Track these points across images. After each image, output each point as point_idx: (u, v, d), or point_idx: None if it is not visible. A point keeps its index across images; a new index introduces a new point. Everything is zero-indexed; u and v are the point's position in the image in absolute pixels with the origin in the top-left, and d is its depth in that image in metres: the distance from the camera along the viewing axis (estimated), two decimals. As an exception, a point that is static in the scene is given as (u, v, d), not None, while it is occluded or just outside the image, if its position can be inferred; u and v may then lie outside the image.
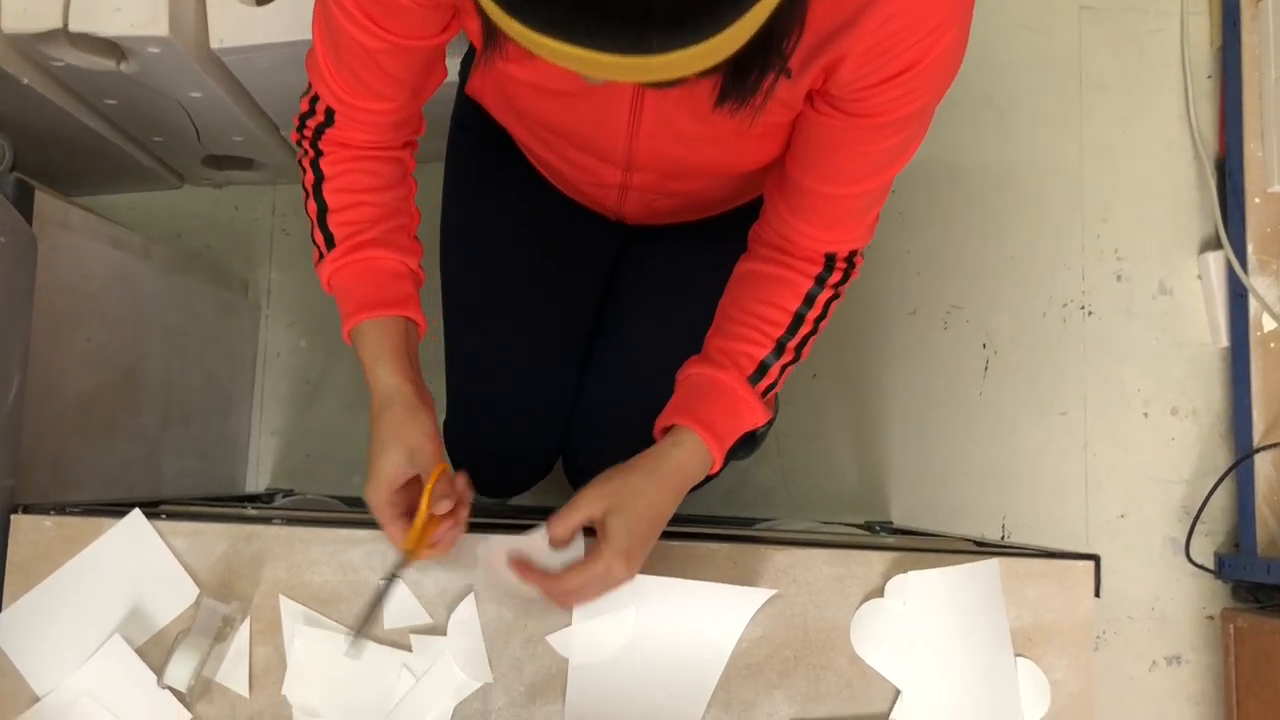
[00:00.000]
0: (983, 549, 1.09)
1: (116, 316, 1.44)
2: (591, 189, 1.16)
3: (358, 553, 1.04)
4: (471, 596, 1.04)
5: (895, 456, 1.86)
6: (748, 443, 1.70)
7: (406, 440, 0.95)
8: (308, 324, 1.86)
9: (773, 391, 1.03)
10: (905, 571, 1.05)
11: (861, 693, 1.04)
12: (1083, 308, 1.89)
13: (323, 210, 1.02)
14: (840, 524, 1.70)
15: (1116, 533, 1.85)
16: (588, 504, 0.93)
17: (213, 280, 1.75)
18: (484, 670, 1.03)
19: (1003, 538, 1.83)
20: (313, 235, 1.04)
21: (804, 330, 1.02)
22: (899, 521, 1.84)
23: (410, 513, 0.96)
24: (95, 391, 1.40)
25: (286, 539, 1.04)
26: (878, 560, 1.06)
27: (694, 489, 1.00)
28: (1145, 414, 1.87)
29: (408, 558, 0.96)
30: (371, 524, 1.05)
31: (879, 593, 1.05)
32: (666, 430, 0.99)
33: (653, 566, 1.03)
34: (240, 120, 1.57)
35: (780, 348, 1.01)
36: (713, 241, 1.13)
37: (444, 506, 0.94)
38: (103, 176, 1.80)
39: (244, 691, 1.02)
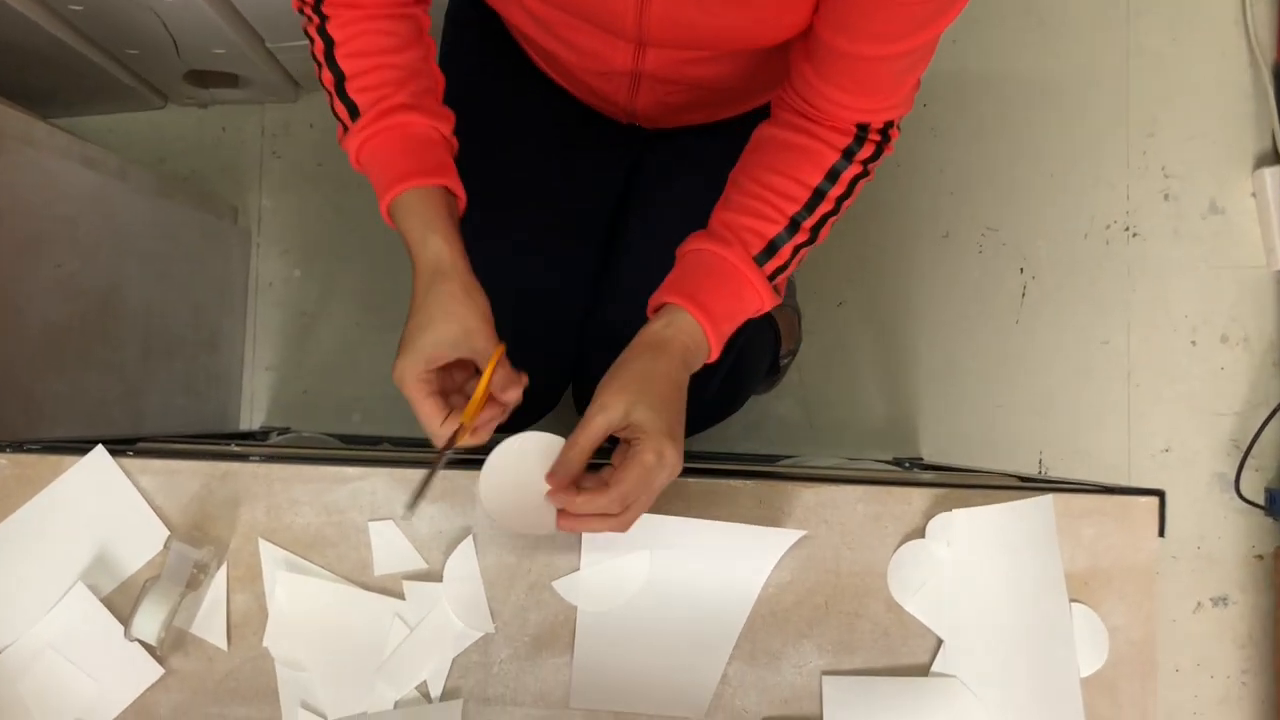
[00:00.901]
0: (1031, 484, 0.99)
1: (90, 241, 1.34)
2: (600, 81, 1.04)
3: (343, 492, 0.95)
4: (470, 540, 0.94)
5: (926, 388, 1.76)
6: (768, 374, 1.60)
7: (462, 319, 0.85)
8: (302, 252, 1.75)
9: (783, 275, 0.93)
10: (949, 510, 0.95)
11: (899, 642, 0.95)
12: (1127, 229, 1.77)
13: (339, 79, 0.92)
14: (869, 461, 1.60)
15: (1161, 467, 1.74)
16: (603, 409, 0.82)
17: (198, 205, 1.64)
18: (484, 620, 0.93)
19: (1040, 474, 1.73)
20: (333, 108, 0.94)
21: (823, 209, 0.90)
22: (929, 458, 1.74)
23: (444, 395, 0.88)
24: (67, 322, 1.30)
25: (265, 478, 0.95)
26: (918, 498, 0.96)
27: (693, 398, 0.90)
28: (1193, 342, 1.76)
29: (458, 435, 0.87)
30: (360, 461, 0.96)
31: (919, 533, 0.95)
32: (659, 310, 0.89)
33: (669, 505, 0.93)
34: (220, 30, 1.45)
35: (794, 225, 0.90)
36: (731, 144, 1.02)
37: (515, 394, 0.86)
38: (81, 96, 1.69)
39: (221, 643, 0.93)
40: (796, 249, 0.92)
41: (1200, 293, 1.76)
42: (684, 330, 0.87)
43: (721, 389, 1.23)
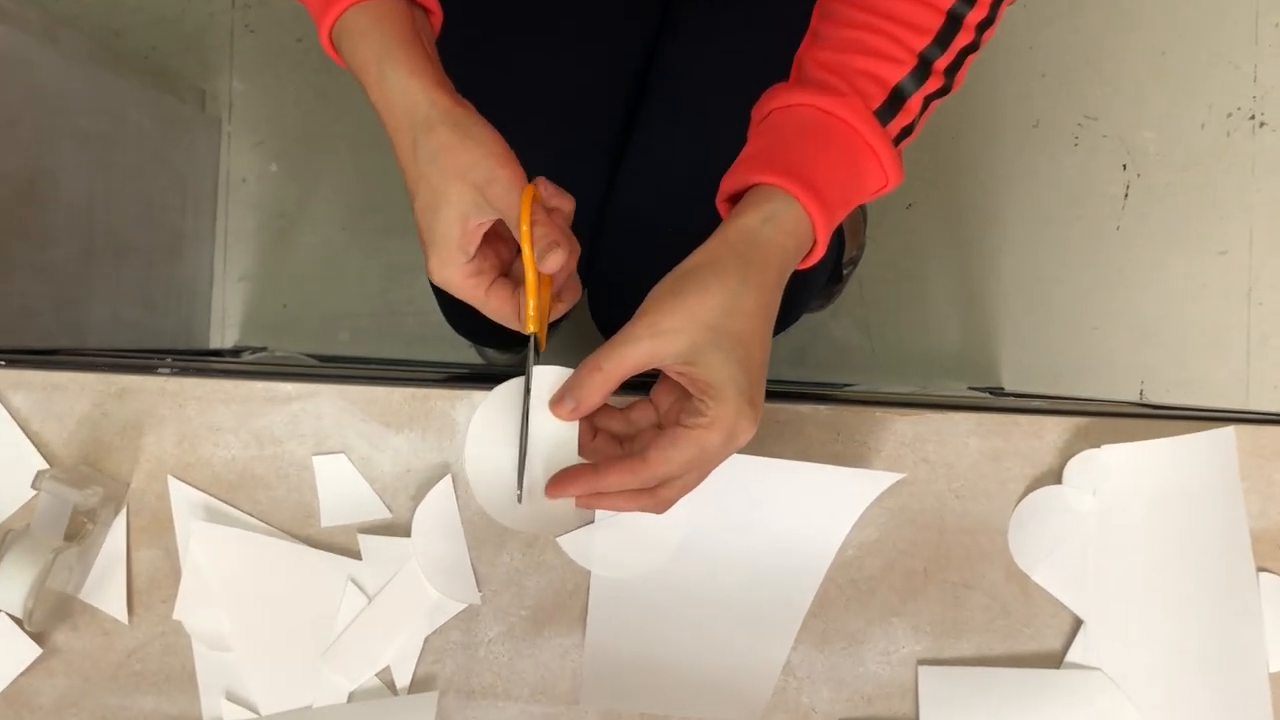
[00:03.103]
0: (1203, 415, 0.73)
1: (4, 115, 1.10)
2: None
3: (280, 416, 0.71)
4: (448, 482, 0.71)
5: (1007, 306, 1.52)
6: (827, 283, 1.35)
7: (467, 173, 0.61)
8: (280, 143, 1.52)
9: (908, 139, 0.66)
10: (1096, 446, 0.70)
11: (1022, 623, 0.71)
12: (1252, 117, 1.52)
13: None
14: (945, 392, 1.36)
15: (1283, 402, 1.49)
16: (657, 334, 0.58)
17: (154, 85, 1.40)
18: (468, 587, 0.70)
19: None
20: None
21: (961, 40, 0.64)
22: (1011, 386, 1.50)
23: (507, 273, 0.65)
24: (-29, 209, 1.06)
25: (177, 396, 0.71)
26: (1052, 429, 0.71)
27: None
28: (1327, 253, 1.50)
29: (539, 341, 0.64)
30: (302, 375, 0.72)
31: (1053, 477, 0.71)
32: (742, 195, 0.63)
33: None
34: None
35: (925, 66, 0.64)
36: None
37: (556, 259, 0.61)
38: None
39: (120, 614, 0.71)
40: (927, 101, 0.65)
41: (1338, 194, 1.50)
42: (786, 227, 0.61)
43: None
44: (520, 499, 0.63)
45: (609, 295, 0.93)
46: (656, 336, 0.57)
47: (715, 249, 0.60)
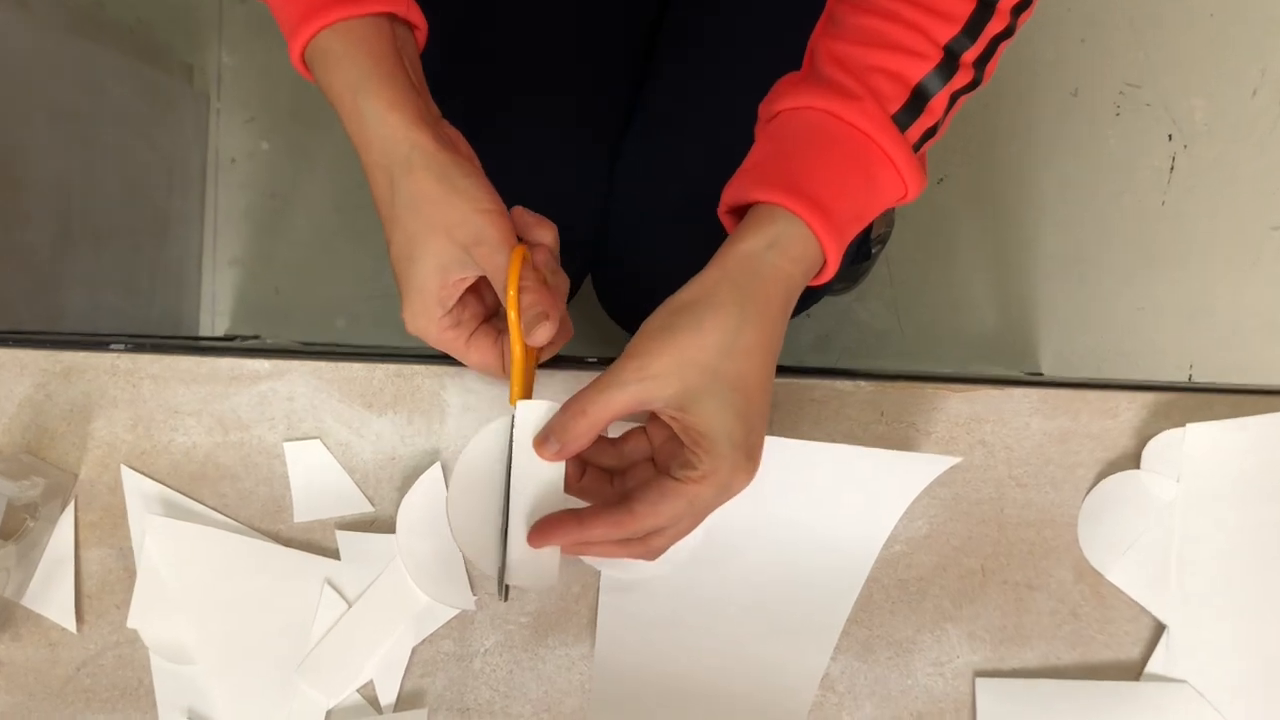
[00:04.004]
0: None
1: (-33, 82, 1.02)
2: None
3: (247, 398, 0.63)
4: (437, 469, 0.62)
5: (1046, 287, 1.43)
6: (854, 261, 1.26)
7: (453, 230, 0.55)
8: (271, 120, 1.44)
9: (932, 140, 0.58)
10: (1180, 425, 0.61)
11: (1095, 629, 0.62)
12: (1307, 84, 1.42)
13: None
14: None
15: (1343, 386, 1.39)
16: (646, 378, 0.52)
17: (138, 57, 1.31)
18: (460, 590, 0.62)
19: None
20: None
21: (994, 28, 0.55)
22: (1050, 372, 1.42)
23: (489, 320, 0.60)
24: (-68, 184, 0.98)
25: (131, 375, 0.63)
26: (1127, 406, 0.62)
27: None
28: (1389, 228, 1.40)
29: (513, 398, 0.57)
30: (272, 351, 0.64)
31: (1130, 461, 0.62)
32: (744, 212, 0.55)
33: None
34: None
35: (952, 61, 0.55)
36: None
37: (544, 333, 0.55)
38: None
39: (68, 623, 0.62)
40: (953, 98, 0.57)
41: (1400, 165, 1.40)
42: (792, 253, 0.53)
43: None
44: (503, 595, 0.57)
45: (617, 281, 0.85)
46: (645, 380, 0.52)
47: (712, 280, 0.53)
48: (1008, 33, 0.56)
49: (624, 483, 0.57)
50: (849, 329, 1.43)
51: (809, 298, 1.09)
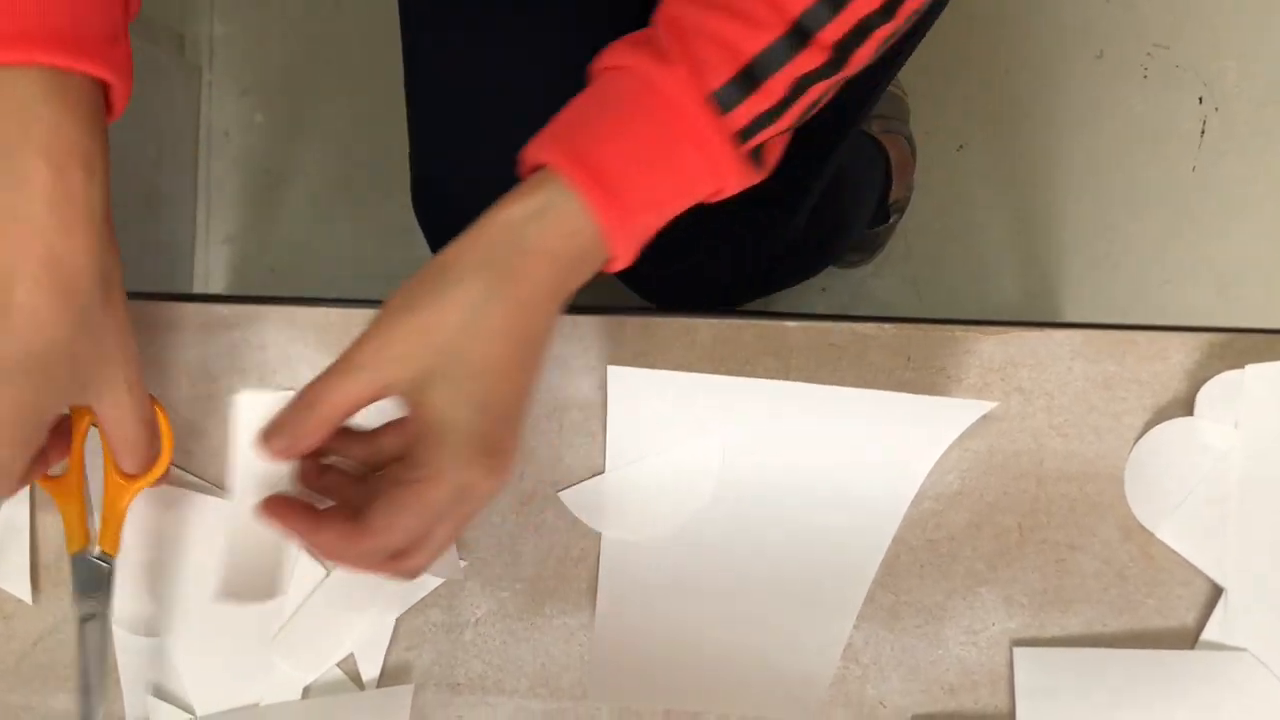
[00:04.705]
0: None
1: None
2: None
3: (214, 347, 0.58)
4: (421, 423, 0.57)
5: (1070, 258, 1.38)
6: (871, 224, 1.21)
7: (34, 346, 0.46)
8: (266, 92, 1.40)
9: (769, 130, 0.48)
10: (1238, 366, 0.56)
11: (1144, 593, 0.56)
12: (1345, 43, 1.36)
13: None
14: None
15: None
16: (358, 368, 0.46)
17: (125, 26, 1.27)
18: (447, 555, 0.57)
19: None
20: None
21: (865, 6, 0.46)
22: (1077, 347, 1.34)
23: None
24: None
25: (89, 324, 0.58)
26: (1178, 348, 0.57)
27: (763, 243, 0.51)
28: None
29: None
30: (242, 298, 0.59)
31: (1182, 407, 0.57)
32: (532, 173, 0.48)
33: (746, 368, 0.55)
34: None
35: (801, 35, 0.46)
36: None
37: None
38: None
39: (23, 593, 0.58)
40: (802, 82, 0.47)
41: None
42: (560, 227, 0.46)
43: (809, 231, 0.83)
44: None
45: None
46: (383, 365, 0.46)
47: (464, 247, 0.46)
48: (885, 15, 0.47)
49: (372, 486, 0.50)
50: (866, 304, 1.38)
51: (814, 262, 1.04)
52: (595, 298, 0.59)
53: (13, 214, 0.44)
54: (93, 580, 0.54)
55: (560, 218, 0.45)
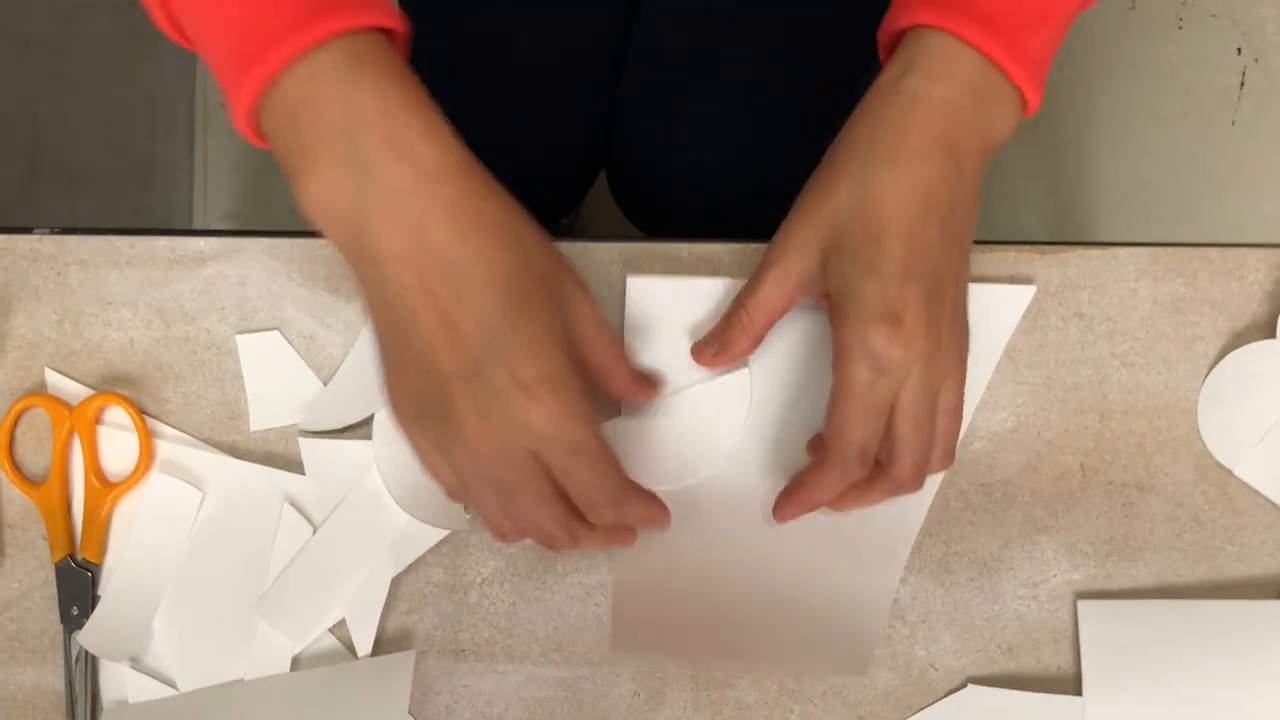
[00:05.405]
0: None
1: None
2: None
3: (191, 284, 0.52)
4: (418, 363, 0.51)
5: (1105, 217, 1.32)
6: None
7: (544, 267, 0.43)
8: (263, 61, 1.33)
9: None
10: (1326, 282, 0.50)
11: (1224, 538, 0.51)
12: (1390, -13, 1.30)
13: None
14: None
15: None
16: (774, 261, 0.46)
17: (113, -11, 1.22)
18: (450, 508, 0.51)
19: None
20: None
21: None
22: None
23: None
24: None
25: (55, 260, 0.53)
26: (1255, 265, 0.51)
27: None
28: None
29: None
30: (221, 231, 0.54)
31: (1261, 330, 0.51)
32: (896, 46, 0.45)
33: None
34: None
35: None
36: None
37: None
38: None
39: (-14, 557, 0.52)
40: None
41: None
42: (934, 68, 0.43)
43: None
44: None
45: (630, 181, 0.75)
46: (786, 256, 0.45)
47: (845, 129, 0.45)
48: None
49: None
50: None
51: None
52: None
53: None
54: (76, 588, 0.51)
55: (931, 61, 0.43)
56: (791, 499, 0.48)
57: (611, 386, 0.47)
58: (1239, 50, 1.32)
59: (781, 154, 0.72)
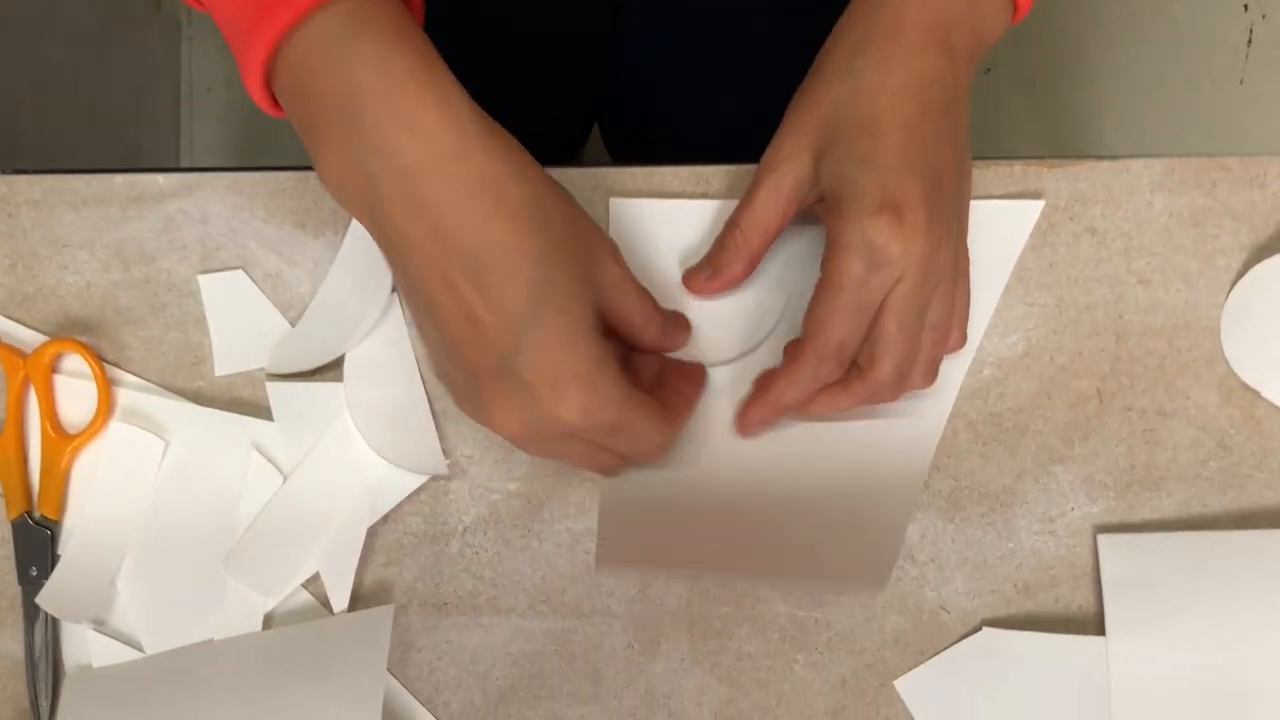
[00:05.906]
0: None
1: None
2: None
3: (150, 222, 0.50)
4: (395, 298, 0.49)
5: None
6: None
7: (571, 245, 0.40)
8: (248, 45, 1.31)
9: None
10: (1354, 187, 0.47)
11: (1252, 464, 0.48)
12: (1401, -61, 1.27)
13: None
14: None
15: None
16: (771, 168, 0.44)
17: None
18: (429, 452, 0.48)
19: None
20: None
21: None
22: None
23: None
24: None
25: (6, 201, 0.50)
26: (1276, 174, 0.48)
27: None
28: None
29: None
30: (183, 168, 0.51)
31: (1286, 244, 0.48)
32: None
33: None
34: None
35: None
36: None
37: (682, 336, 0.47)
38: None
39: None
40: None
41: None
42: None
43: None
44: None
45: (628, 120, 0.73)
46: (780, 164, 0.43)
47: (833, 35, 0.44)
48: None
49: None
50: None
51: None
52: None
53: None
54: (35, 547, 0.48)
55: None
56: (758, 400, 0.45)
57: (643, 344, 0.45)
58: (1245, 6, 1.29)
59: (783, 102, 0.70)
